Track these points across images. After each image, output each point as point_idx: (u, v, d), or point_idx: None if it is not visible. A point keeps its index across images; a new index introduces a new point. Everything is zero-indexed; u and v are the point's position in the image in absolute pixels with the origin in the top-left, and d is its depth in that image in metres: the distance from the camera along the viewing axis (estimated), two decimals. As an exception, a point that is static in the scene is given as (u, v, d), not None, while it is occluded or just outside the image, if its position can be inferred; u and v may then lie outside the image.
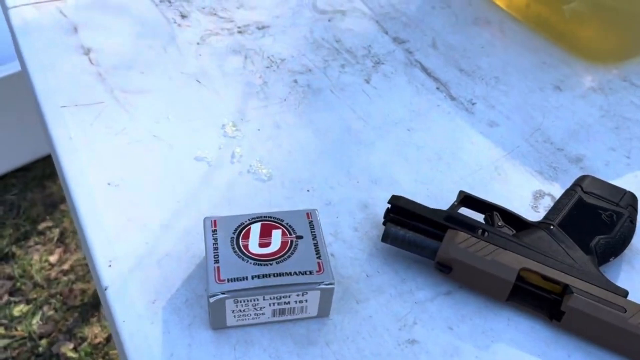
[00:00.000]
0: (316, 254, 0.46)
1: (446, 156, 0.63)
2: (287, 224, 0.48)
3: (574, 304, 0.45)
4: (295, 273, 0.44)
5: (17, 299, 1.54)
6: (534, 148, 0.64)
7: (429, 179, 0.60)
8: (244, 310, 0.44)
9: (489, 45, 0.78)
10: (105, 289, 0.48)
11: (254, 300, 0.44)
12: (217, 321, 0.45)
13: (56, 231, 1.70)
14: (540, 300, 0.48)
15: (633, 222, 0.53)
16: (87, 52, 0.70)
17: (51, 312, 1.53)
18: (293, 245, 0.46)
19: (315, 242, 0.47)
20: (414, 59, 0.75)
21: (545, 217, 0.53)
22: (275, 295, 0.44)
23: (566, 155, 0.64)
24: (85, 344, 1.46)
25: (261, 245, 0.46)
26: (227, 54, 0.73)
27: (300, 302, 0.45)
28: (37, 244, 1.67)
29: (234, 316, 0.45)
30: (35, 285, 1.57)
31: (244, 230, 0.47)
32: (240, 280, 0.43)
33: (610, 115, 0.69)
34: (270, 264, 0.45)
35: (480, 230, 0.50)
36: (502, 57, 0.77)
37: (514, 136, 0.66)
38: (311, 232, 0.48)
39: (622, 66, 0.76)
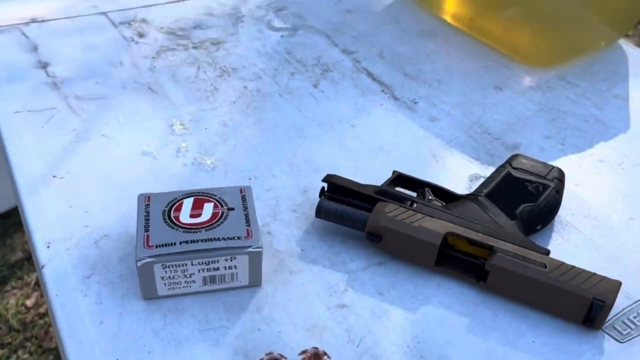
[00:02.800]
0: (246, 223, 0.47)
1: (387, 147, 0.65)
2: (219, 198, 0.49)
3: (497, 262, 0.47)
4: (223, 238, 0.45)
5: (-9, 344, 1.52)
6: (472, 138, 0.67)
7: (368, 166, 0.62)
8: (173, 277, 0.45)
9: (434, 53, 0.82)
10: (42, 267, 0.48)
11: (183, 266, 0.45)
12: (147, 290, 0.46)
13: (34, 275, 1.69)
14: (468, 265, 0.49)
15: (559, 192, 0.55)
16: (44, 66, 0.74)
17: (26, 356, 1.50)
18: (224, 216, 0.48)
19: (246, 213, 0.48)
20: (361, 67, 0.79)
21: (474, 191, 0.55)
22: (204, 261, 0.45)
23: (503, 143, 0.66)
24: (60, 386, 1.42)
25: (192, 216, 0.47)
26: (180, 66, 0.76)
27: (230, 268, 0.46)
28: (14, 288, 1.66)
29: (164, 284, 0.45)
30: (11, 329, 1.55)
31: (176, 204, 0.49)
32: (169, 245, 0.45)
33: (547, 109, 0.72)
34: (200, 231, 0.46)
35: (409, 202, 0.52)
36: (446, 62, 0.80)
37: (454, 129, 0.68)
38: (243, 204, 0.49)
39: (560, 68, 0.79)
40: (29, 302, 1.62)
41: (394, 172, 0.56)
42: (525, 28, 0.79)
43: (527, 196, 0.53)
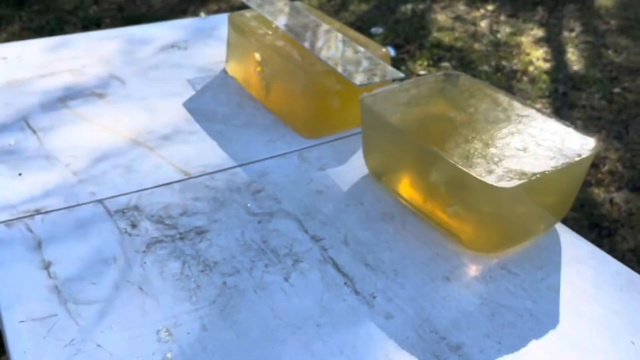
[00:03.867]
0: None
1: (347, 350, 0.74)
2: None
3: None
4: None
5: None
6: (421, 338, 0.77)
7: (329, 373, 0.71)
8: None
9: (392, 239, 0.93)
10: None
11: None
12: None
13: None
14: None
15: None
16: (47, 266, 0.84)
17: None
18: None
19: None
20: (327, 256, 0.89)
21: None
22: None
23: (448, 343, 0.76)
24: None
25: None
26: (168, 260, 0.86)
27: None
28: None
29: None
30: None
31: None
32: None
33: (487, 302, 0.83)
34: None
35: None
36: (403, 250, 0.91)
37: (406, 327, 0.78)
38: None
39: (502, 255, 0.91)
40: None
41: (349, 389, 0.66)
42: (469, 221, 0.90)
43: (461, 417, 0.63)
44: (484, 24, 3.61)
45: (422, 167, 0.94)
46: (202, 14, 1.86)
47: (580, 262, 0.90)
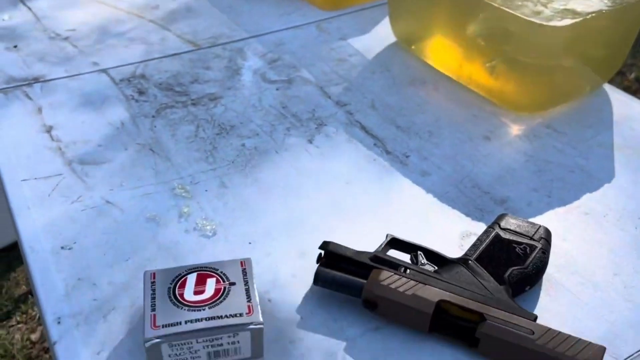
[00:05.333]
0: (247, 298, 0.50)
1: (380, 205, 0.67)
2: (221, 272, 0.52)
3: (487, 330, 0.49)
4: (225, 316, 0.48)
5: (-3, 380, 1.53)
6: (462, 193, 0.69)
7: (363, 226, 0.64)
8: (179, 354, 0.48)
9: (424, 103, 0.85)
10: (54, 344, 0.51)
11: (189, 344, 0.47)
12: (155, 367, 0.48)
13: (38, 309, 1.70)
14: (460, 330, 0.52)
15: (546, 253, 0.57)
16: (48, 129, 0.76)
17: (32, 392, 1.52)
18: (226, 291, 0.50)
19: (247, 287, 0.51)
20: (354, 119, 0.81)
21: (465, 254, 0.57)
22: (208, 338, 0.47)
23: (492, 197, 0.69)
24: (66, 422, 1.44)
25: (196, 292, 0.50)
26: (180, 124, 0.79)
27: (233, 343, 0.48)
28: (19, 323, 1.68)
29: (171, 360, 0.48)
30: (17, 365, 1.57)
31: (180, 281, 0.51)
32: (174, 325, 0.47)
33: (534, 159, 0.75)
34: (203, 309, 0.48)
35: (403, 268, 0.54)
36: (436, 113, 0.83)
37: (445, 183, 0.71)
38: (244, 278, 0.52)
39: (546, 115, 0.82)
40: (33, 337, 1.64)
41: (388, 235, 0.59)
42: (511, 77, 0.82)
43: (515, 259, 0.56)
44: None
45: (459, 21, 0.84)
46: None
47: (634, 119, 0.82)
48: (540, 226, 0.60)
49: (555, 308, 0.56)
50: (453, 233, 0.64)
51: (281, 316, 0.54)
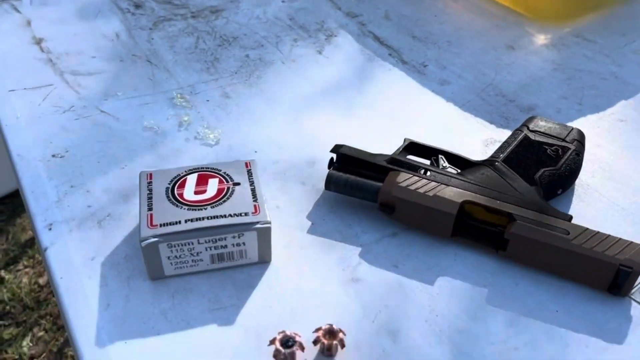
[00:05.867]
0: (253, 198, 0.45)
1: (396, 113, 0.62)
2: (224, 173, 0.47)
3: (517, 230, 0.45)
4: (230, 215, 0.44)
5: (6, 323, 1.53)
6: (485, 102, 0.64)
7: (378, 134, 0.59)
8: (179, 257, 0.44)
9: (442, 13, 0.79)
10: (45, 250, 0.47)
11: (189, 245, 0.43)
12: (154, 270, 0.44)
13: (45, 254, 1.68)
14: (486, 234, 0.47)
15: (580, 155, 0.52)
16: (38, 41, 0.71)
17: (41, 333, 1.51)
18: (230, 192, 0.46)
19: (253, 187, 0.46)
20: (367, 30, 0.75)
21: (491, 156, 0.52)
22: (211, 239, 0.43)
23: (518, 105, 0.63)
24: (76, 362, 1.43)
25: (197, 192, 0.45)
26: (179, 36, 0.73)
27: (238, 245, 0.44)
28: (26, 267, 1.66)
29: (171, 264, 0.44)
30: (25, 307, 1.56)
31: (179, 181, 0.47)
32: (173, 224, 0.43)
33: (562, 68, 0.69)
34: (205, 209, 0.44)
35: (423, 170, 0.50)
36: (455, 23, 0.77)
37: (466, 92, 0.65)
38: (249, 179, 0.47)
39: (575, 24, 0.76)
40: (41, 281, 1.63)
41: (406, 139, 0.54)
42: (538, -17, 0.75)
43: (546, 160, 0.51)
44: None
45: None
46: None
47: (671, 27, 0.76)
48: (572, 128, 0.55)
49: (591, 213, 0.51)
50: (476, 140, 0.59)
51: (290, 222, 0.50)
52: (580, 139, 0.54)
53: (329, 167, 0.52)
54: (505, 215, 0.46)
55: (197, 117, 0.61)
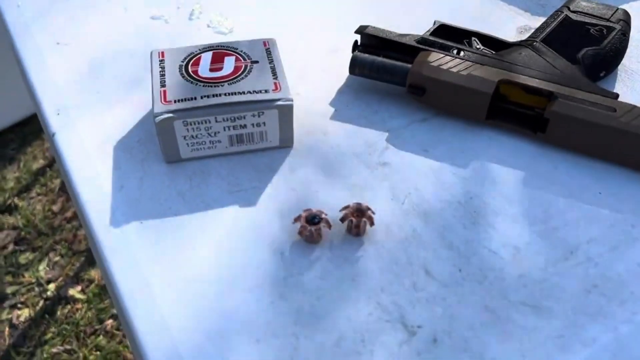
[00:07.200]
0: (273, 76, 0.42)
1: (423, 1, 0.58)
2: (241, 51, 0.44)
3: (559, 108, 0.41)
4: (249, 92, 0.40)
5: (22, 248, 1.54)
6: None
7: (404, 18, 0.55)
8: (196, 137, 0.41)
9: None
10: (53, 135, 0.44)
11: (206, 123, 0.40)
12: (169, 151, 0.41)
13: (57, 182, 1.68)
14: (523, 117, 0.44)
15: (625, 35, 0.48)
16: None
17: (57, 258, 1.52)
18: (247, 69, 0.42)
19: (272, 65, 0.43)
20: None
21: (529, 37, 0.48)
22: (229, 117, 0.40)
23: (555, -7, 0.59)
24: (93, 285, 1.45)
25: (212, 70, 0.42)
26: None
27: (258, 125, 0.41)
28: (39, 194, 1.66)
29: (187, 144, 0.41)
30: (40, 233, 1.57)
31: (193, 59, 0.43)
32: (188, 100, 0.40)
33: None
34: (222, 85, 0.41)
35: (456, 50, 0.46)
36: None
37: (498, -20, 0.60)
38: (268, 57, 0.44)
39: None
40: (55, 208, 1.63)
41: (436, 21, 0.50)
42: None
43: (589, 40, 0.47)
44: None
45: None
46: None
47: None
48: (618, 8, 0.50)
49: (635, 97, 0.47)
50: (509, 27, 0.54)
51: (313, 108, 0.47)
52: (627, 19, 0.49)
53: (353, 51, 0.48)
54: (545, 95, 0.42)
55: (209, 6, 0.57)
